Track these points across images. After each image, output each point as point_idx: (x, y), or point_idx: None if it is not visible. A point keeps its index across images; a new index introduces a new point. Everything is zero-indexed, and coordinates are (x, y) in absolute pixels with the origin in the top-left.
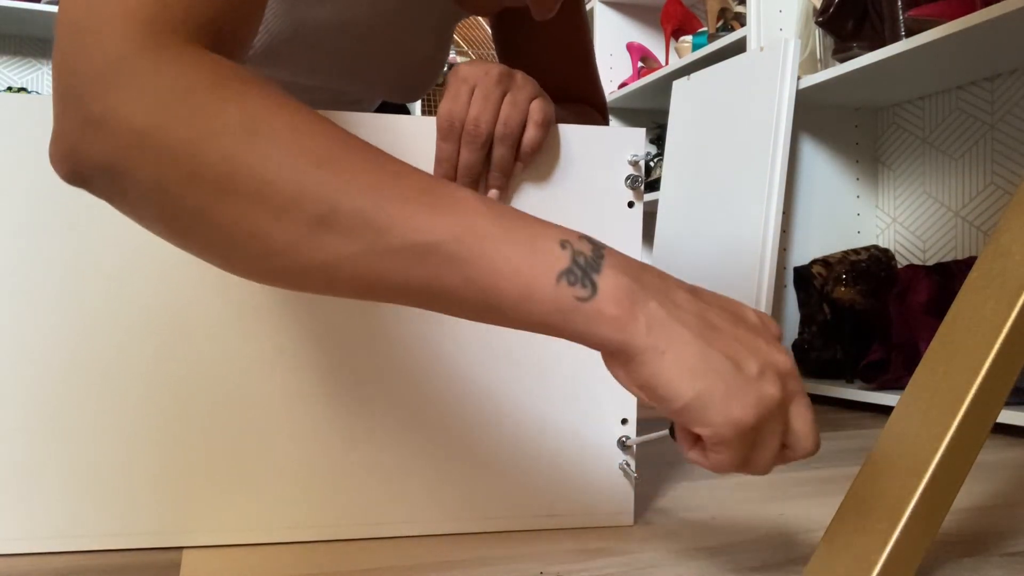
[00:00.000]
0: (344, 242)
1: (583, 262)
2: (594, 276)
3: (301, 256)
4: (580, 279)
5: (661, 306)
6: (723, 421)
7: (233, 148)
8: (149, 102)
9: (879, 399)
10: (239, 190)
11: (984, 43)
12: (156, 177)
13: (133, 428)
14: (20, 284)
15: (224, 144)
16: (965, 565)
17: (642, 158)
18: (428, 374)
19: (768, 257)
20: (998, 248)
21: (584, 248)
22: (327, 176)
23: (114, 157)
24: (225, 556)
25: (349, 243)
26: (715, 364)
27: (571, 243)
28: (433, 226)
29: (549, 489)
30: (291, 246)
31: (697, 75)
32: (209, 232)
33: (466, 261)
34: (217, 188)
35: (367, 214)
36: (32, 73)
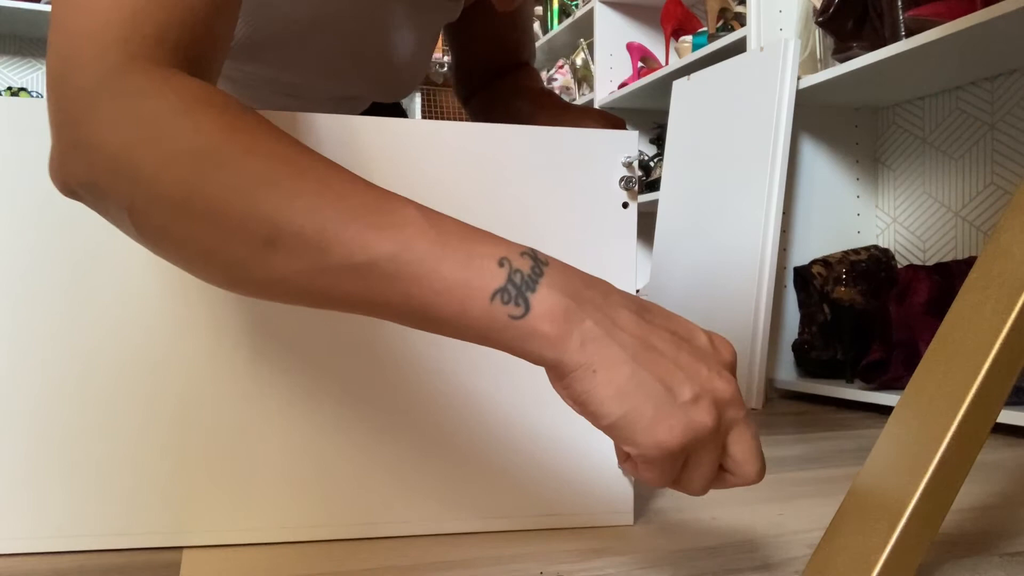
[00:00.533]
0: (289, 261)
1: (519, 280)
2: (528, 294)
3: (251, 273)
4: (514, 297)
5: (597, 325)
6: (649, 443)
7: (189, 173)
8: (120, 127)
9: (879, 399)
10: (193, 213)
11: (984, 43)
12: (126, 197)
13: (133, 428)
14: (22, 285)
15: (182, 169)
16: (965, 565)
17: (636, 160)
18: (427, 375)
19: (768, 257)
20: (998, 248)
21: (523, 265)
22: (274, 199)
23: (92, 177)
24: (225, 556)
25: (293, 262)
26: (646, 386)
27: (510, 260)
28: (371, 245)
29: (549, 489)
30: (243, 263)
31: (697, 75)
32: (173, 247)
33: (403, 279)
34: (176, 210)
35: (308, 235)
36: (32, 73)
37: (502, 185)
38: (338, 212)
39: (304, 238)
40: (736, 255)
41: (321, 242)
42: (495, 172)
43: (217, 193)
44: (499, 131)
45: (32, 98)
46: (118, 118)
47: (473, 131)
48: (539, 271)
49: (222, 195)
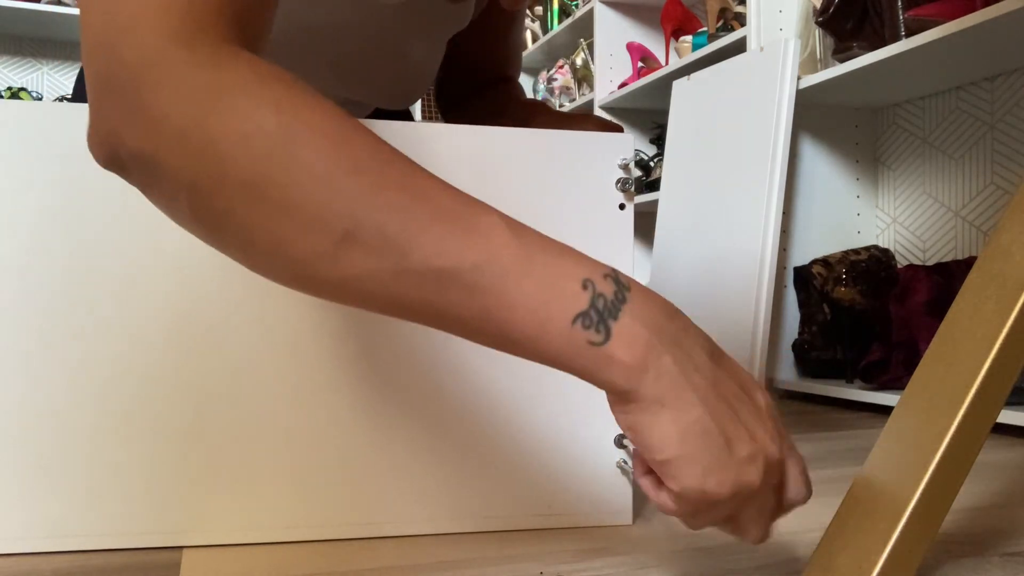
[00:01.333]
0: (365, 260)
1: (601, 306)
2: (610, 322)
3: (322, 269)
4: (595, 323)
5: (675, 362)
6: (695, 488)
7: (265, 154)
8: (187, 98)
9: (879, 399)
10: (267, 197)
11: (984, 43)
12: (188, 174)
13: (133, 428)
14: (22, 285)
15: (256, 148)
16: (965, 565)
17: (632, 161)
18: (427, 375)
19: (768, 257)
20: (998, 248)
21: (606, 289)
22: (356, 190)
23: (151, 148)
24: (225, 556)
25: (370, 261)
26: (709, 435)
27: (594, 283)
28: (455, 252)
29: (549, 489)
30: (313, 258)
31: (697, 75)
32: (234, 234)
33: (484, 292)
34: (245, 193)
35: (391, 234)
36: (32, 73)
37: (500, 187)
38: (423, 213)
39: (385, 237)
40: (736, 255)
41: (403, 243)
42: (493, 174)
43: (296, 179)
44: (497, 134)
45: (33, 99)
46: (187, 89)
47: (471, 133)
48: (622, 296)
49: (301, 181)
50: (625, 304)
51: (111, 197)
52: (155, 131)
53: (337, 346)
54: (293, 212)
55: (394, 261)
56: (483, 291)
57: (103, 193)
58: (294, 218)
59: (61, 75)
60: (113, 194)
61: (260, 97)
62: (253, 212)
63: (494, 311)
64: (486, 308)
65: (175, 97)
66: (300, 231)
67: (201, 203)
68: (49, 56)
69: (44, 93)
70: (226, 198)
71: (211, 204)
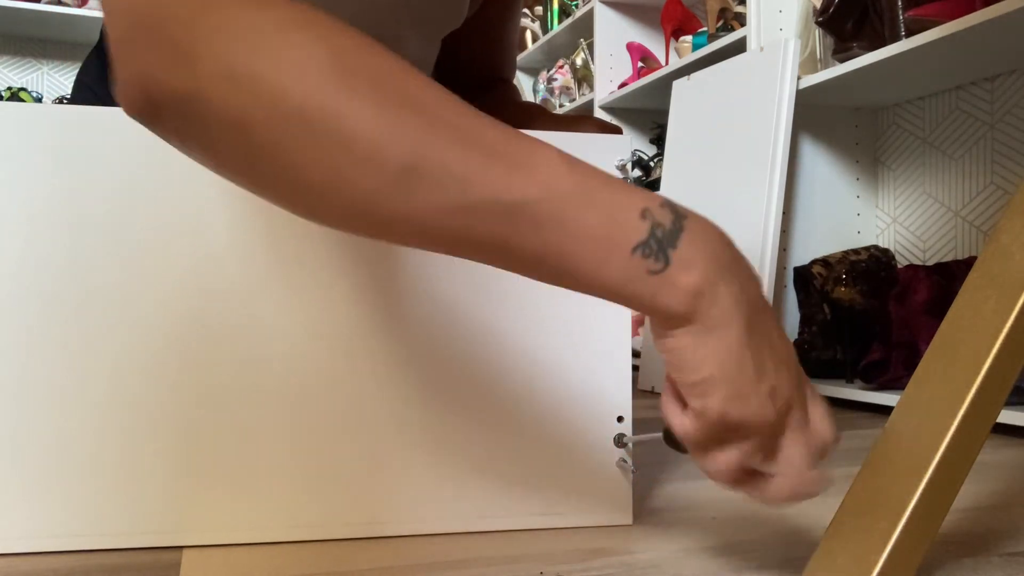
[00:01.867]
0: (427, 194)
1: (660, 234)
2: (669, 250)
3: (383, 205)
4: (655, 252)
5: (727, 291)
6: (717, 407)
7: (320, 87)
8: (239, 34)
9: (879, 399)
10: (323, 131)
11: (984, 43)
12: (236, 111)
13: (133, 428)
14: (22, 284)
15: (312, 82)
16: (965, 565)
17: (629, 162)
18: (426, 375)
19: (768, 257)
20: (998, 248)
21: (664, 218)
22: (415, 124)
23: (198, 87)
24: (225, 556)
25: (432, 196)
26: (744, 362)
27: (652, 212)
28: (518, 185)
29: (549, 489)
30: (372, 194)
31: (697, 75)
32: (284, 172)
33: (545, 224)
34: (301, 127)
35: (453, 168)
36: (32, 73)
37: None
38: (482, 147)
39: (448, 170)
40: None
41: (466, 177)
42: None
43: (352, 110)
44: None
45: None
46: (235, 24)
47: None
48: (680, 225)
49: (358, 112)
50: (683, 232)
51: (111, 198)
52: (203, 68)
53: (337, 347)
54: (350, 144)
55: (456, 196)
56: (545, 224)
57: (103, 194)
58: (351, 151)
59: (61, 75)
60: (114, 195)
61: (314, 33)
62: (307, 145)
63: (555, 243)
64: (546, 242)
65: (225, 33)
66: (357, 164)
67: (250, 141)
68: (49, 56)
69: (44, 93)
70: (279, 134)
71: (261, 140)
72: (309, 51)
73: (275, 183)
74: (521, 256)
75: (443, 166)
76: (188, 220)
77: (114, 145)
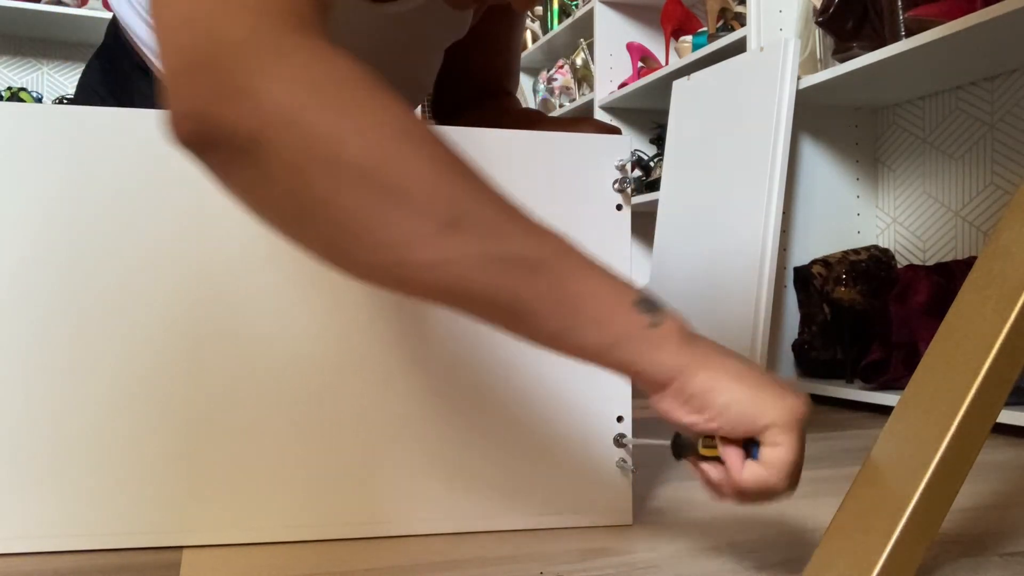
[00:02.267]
0: (466, 243)
1: (648, 295)
2: (658, 310)
3: (420, 253)
4: (649, 309)
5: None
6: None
7: (383, 143)
8: (303, 84)
9: (879, 399)
10: (375, 181)
11: (984, 43)
12: (295, 156)
13: (134, 429)
14: (22, 284)
15: (374, 138)
16: (965, 565)
17: (629, 162)
18: (427, 377)
19: (768, 257)
20: (998, 248)
21: (645, 291)
22: (462, 181)
23: (256, 129)
24: (225, 556)
25: (470, 245)
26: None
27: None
28: (538, 243)
29: (549, 489)
30: (413, 241)
31: (697, 75)
32: (330, 218)
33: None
34: (358, 178)
35: (490, 223)
36: (32, 73)
37: None
38: (509, 209)
39: (486, 225)
40: (736, 255)
41: (499, 232)
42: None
43: (410, 168)
44: (494, 136)
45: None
46: (301, 74)
47: (469, 135)
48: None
49: (415, 170)
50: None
51: (112, 199)
52: (264, 112)
53: (337, 348)
54: (405, 198)
55: (490, 247)
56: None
57: (105, 194)
58: (404, 203)
59: (61, 75)
60: (115, 196)
61: (376, 95)
62: (359, 194)
63: (565, 297)
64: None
65: (289, 81)
66: (407, 215)
67: (301, 188)
68: (49, 56)
69: (44, 93)
70: (332, 183)
71: (314, 187)
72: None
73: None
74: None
75: (482, 220)
76: (189, 221)
77: (115, 146)
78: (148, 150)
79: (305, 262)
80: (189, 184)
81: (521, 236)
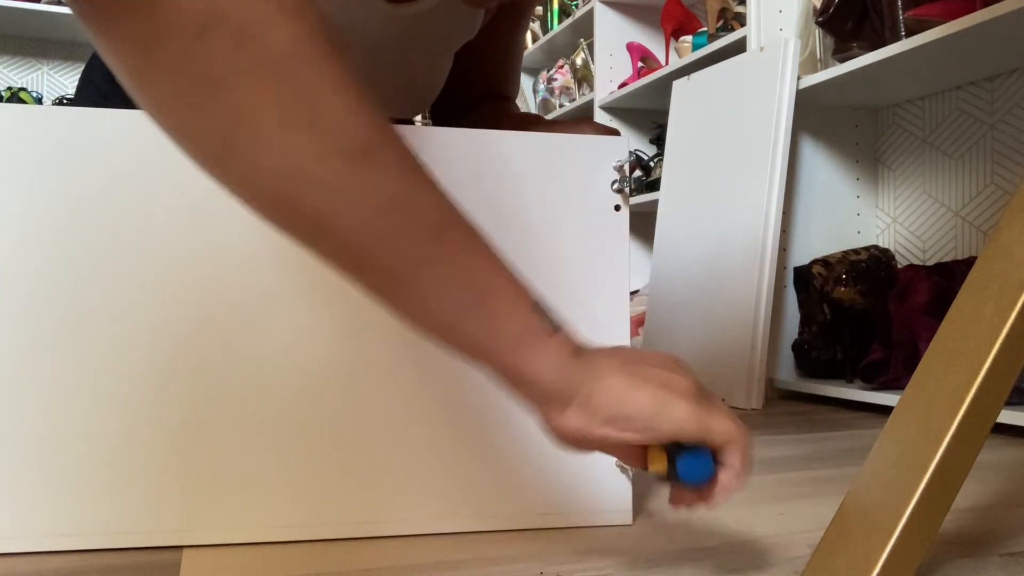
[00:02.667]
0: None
1: (547, 306)
2: (555, 319)
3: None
4: (548, 316)
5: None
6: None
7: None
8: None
9: (879, 399)
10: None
11: (984, 43)
12: (200, 17)
13: (133, 428)
14: (20, 284)
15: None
16: (965, 565)
17: (627, 163)
18: (427, 376)
19: (768, 257)
20: (998, 248)
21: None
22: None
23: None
24: (225, 556)
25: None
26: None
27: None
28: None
29: (549, 489)
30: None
31: (697, 75)
32: (223, 102)
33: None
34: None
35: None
36: (32, 73)
37: (496, 190)
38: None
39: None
40: (736, 255)
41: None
42: (489, 177)
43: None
44: (493, 137)
45: (33, 99)
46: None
47: (469, 137)
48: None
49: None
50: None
51: (110, 199)
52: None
53: (337, 347)
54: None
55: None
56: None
57: (102, 195)
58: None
59: (61, 75)
60: (112, 196)
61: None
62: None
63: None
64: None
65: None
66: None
67: (202, 54)
68: (49, 56)
69: (44, 93)
70: (243, 56)
71: (215, 59)
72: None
73: (209, 110)
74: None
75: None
76: (186, 222)
77: (115, 146)
78: (146, 150)
79: (305, 262)
80: (188, 185)
81: (436, 196)
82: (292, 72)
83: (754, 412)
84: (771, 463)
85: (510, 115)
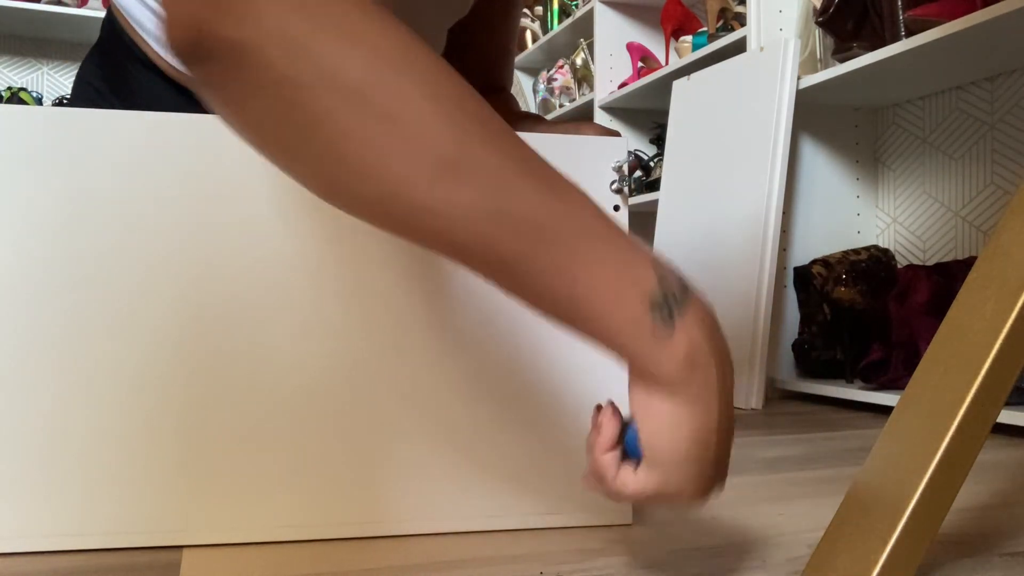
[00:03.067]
0: (460, 192)
1: (670, 298)
2: (676, 317)
3: (412, 194)
4: (663, 315)
5: (715, 374)
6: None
7: (379, 66)
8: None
9: (879, 399)
10: (373, 106)
11: (984, 43)
12: (289, 70)
13: (133, 428)
14: (20, 285)
15: (370, 60)
16: (965, 565)
17: (626, 163)
18: (426, 375)
19: (768, 257)
20: (998, 248)
21: (674, 285)
22: (463, 120)
23: (251, 39)
24: (225, 556)
25: (464, 194)
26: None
27: (664, 275)
28: (548, 204)
29: (549, 489)
30: (407, 179)
31: (697, 75)
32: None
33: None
34: (351, 95)
35: (493, 172)
36: (32, 73)
37: None
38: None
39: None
40: (736, 255)
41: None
42: None
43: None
44: None
45: (33, 99)
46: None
47: None
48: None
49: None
50: (688, 304)
51: (111, 200)
52: (260, 22)
53: (337, 347)
54: (399, 124)
55: (489, 200)
56: (571, 250)
57: (103, 196)
58: (398, 130)
59: (61, 75)
60: (113, 197)
61: (372, 11)
62: (355, 116)
63: (570, 271)
64: (563, 266)
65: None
66: (402, 145)
67: (296, 99)
68: (49, 56)
69: (44, 93)
70: (328, 97)
71: (308, 102)
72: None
73: (300, 151)
74: (533, 277)
75: (483, 168)
76: (187, 222)
77: (114, 147)
78: (146, 151)
79: (303, 262)
80: (189, 185)
81: (529, 194)
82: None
83: (754, 412)
84: (771, 463)
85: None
